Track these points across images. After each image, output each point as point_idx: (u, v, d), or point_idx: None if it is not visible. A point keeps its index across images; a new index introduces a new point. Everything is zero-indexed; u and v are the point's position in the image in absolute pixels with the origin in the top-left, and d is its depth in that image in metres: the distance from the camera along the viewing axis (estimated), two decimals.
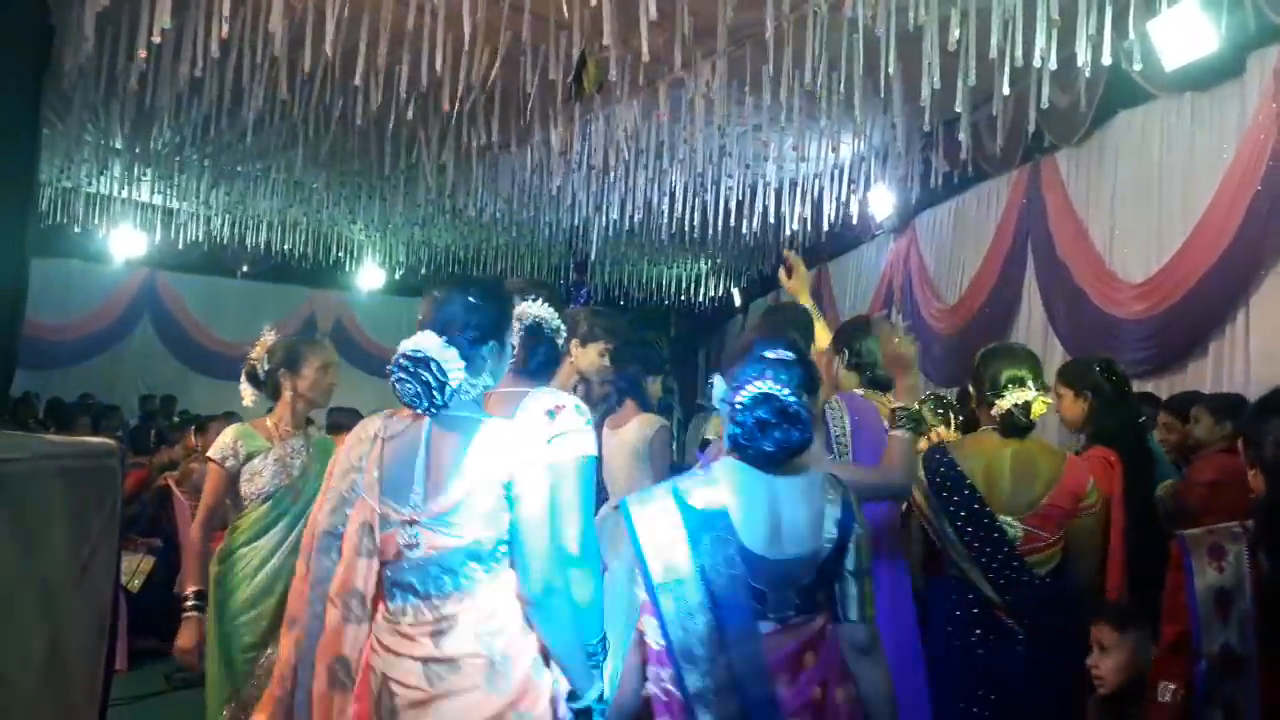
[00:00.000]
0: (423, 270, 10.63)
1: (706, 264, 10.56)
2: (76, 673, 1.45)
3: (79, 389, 9.55)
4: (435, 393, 2.01)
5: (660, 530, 1.93)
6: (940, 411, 3.85)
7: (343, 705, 1.98)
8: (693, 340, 12.16)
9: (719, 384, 2.09)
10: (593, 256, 9.57)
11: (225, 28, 3.88)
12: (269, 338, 3.41)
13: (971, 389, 2.92)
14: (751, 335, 2.23)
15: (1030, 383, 2.70)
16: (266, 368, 3.35)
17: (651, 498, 2.01)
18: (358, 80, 4.40)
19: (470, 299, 2.14)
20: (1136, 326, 4.71)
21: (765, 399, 1.91)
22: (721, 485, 1.98)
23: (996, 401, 2.69)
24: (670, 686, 1.91)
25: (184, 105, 5.71)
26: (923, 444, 2.96)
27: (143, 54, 4.37)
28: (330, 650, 2.02)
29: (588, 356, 3.20)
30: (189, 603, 3.12)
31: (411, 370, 2.01)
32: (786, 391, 1.92)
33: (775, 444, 1.92)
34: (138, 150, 7.11)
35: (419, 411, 2.07)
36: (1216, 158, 4.26)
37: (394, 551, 2.02)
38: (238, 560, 3.16)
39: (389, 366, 2.06)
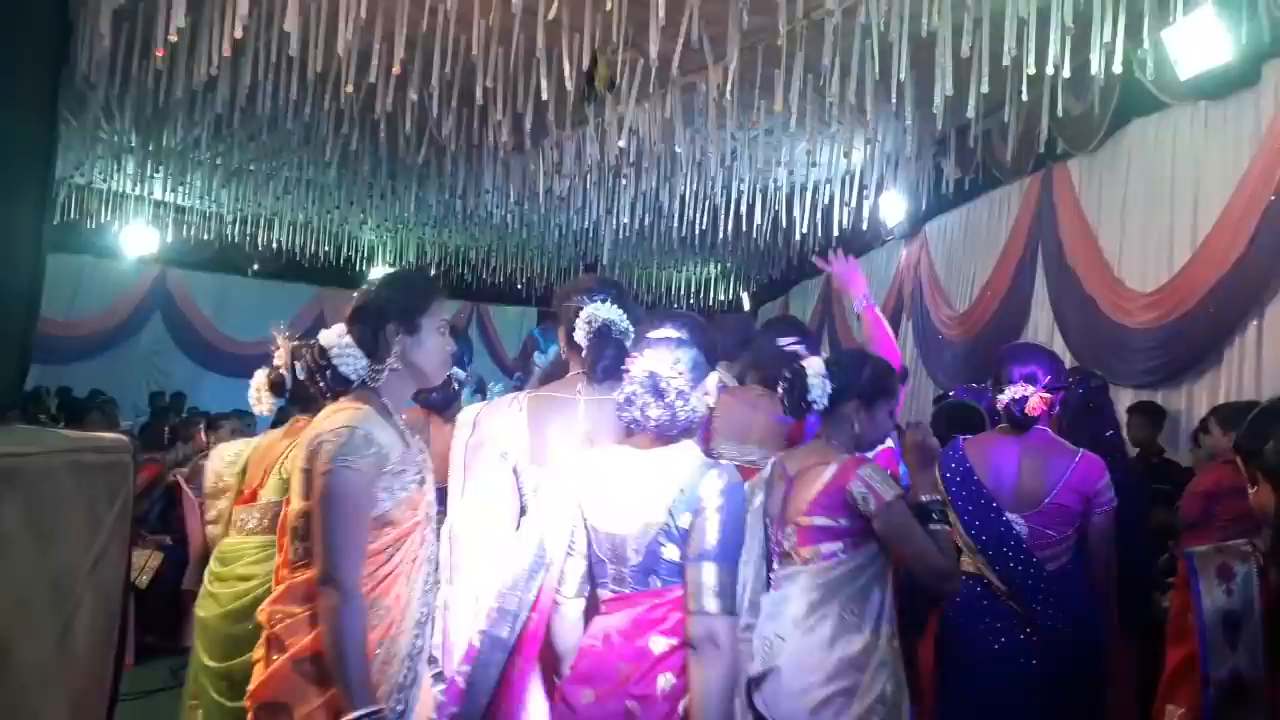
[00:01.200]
0: (433, 270, 10.65)
1: (716, 268, 10.57)
2: (87, 664, 1.46)
3: (90, 385, 9.58)
4: (320, 377, 1.98)
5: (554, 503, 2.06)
6: None
7: None
8: None
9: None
10: (603, 259, 9.59)
11: (239, 28, 3.90)
12: (283, 341, 3.19)
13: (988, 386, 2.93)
14: (650, 321, 2.24)
15: (1040, 380, 2.70)
16: (300, 375, 3.20)
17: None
18: (371, 78, 4.43)
19: (375, 285, 2.11)
20: (1146, 336, 4.69)
21: (647, 377, 1.96)
22: (589, 463, 2.07)
23: (998, 396, 2.70)
24: None
25: (197, 104, 5.75)
26: None
27: (160, 53, 4.41)
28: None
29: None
30: None
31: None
32: (672, 367, 1.96)
33: (654, 420, 1.96)
34: (151, 148, 7.15)
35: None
36: (1230, 167, 4.24)
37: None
38: None
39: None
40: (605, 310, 2.26)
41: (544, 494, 2.07)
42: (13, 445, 1.36)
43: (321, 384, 1.92)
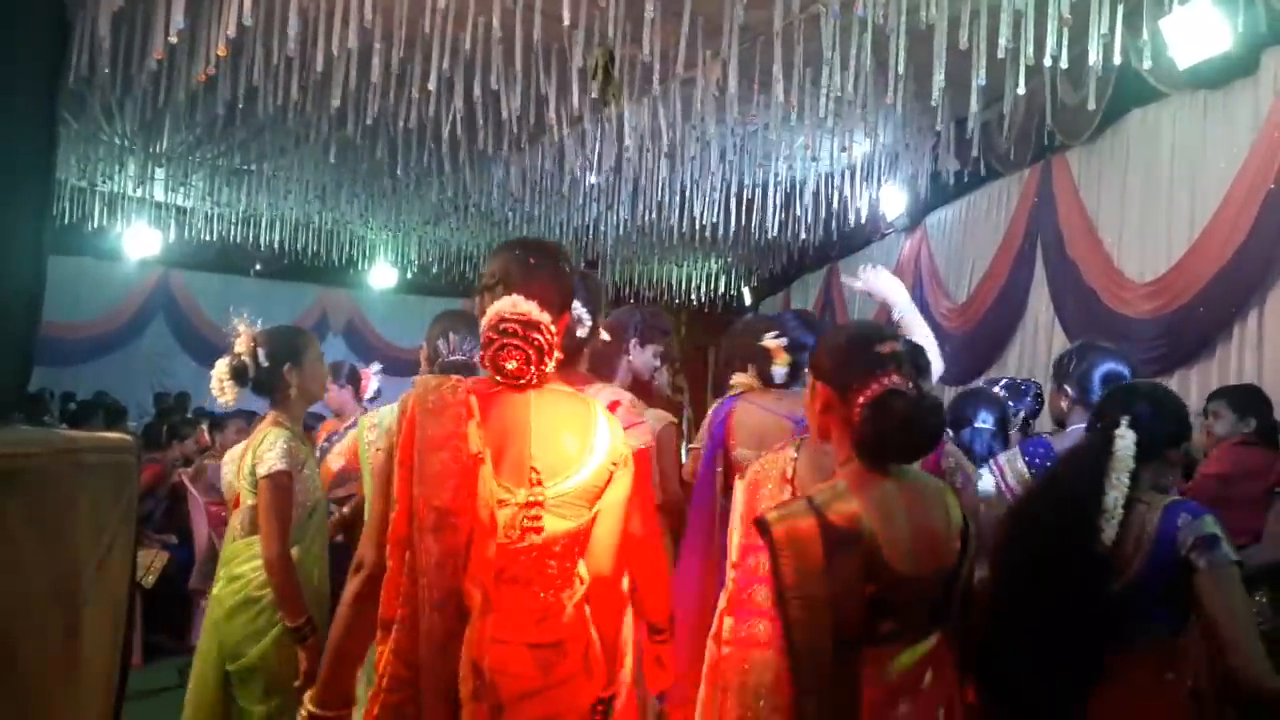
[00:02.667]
0: (434, 269, 10.66)
1: (717, 263, 10.57)
2: (93, 664, 1.47)
3: (94, 387, 9.62)
4: (545, 360, 1.85)
5: (801, 544, 1.82)
6: None
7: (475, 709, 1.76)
8: (703, 339, 12.18)
9: (820, 391, 1.97)
10: (604, 254, 9.60)
11: (233, 29, 3.91)
12: (244, 329, 3.09)
13: (1069, 388, 2.90)
14: (852, 331, 2.08)
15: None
16: (263, 363, 3.05)
17: (790, 511, 1.89)
18: (374, 78, 4.44)
19: (558, 262, 1.96)
20: (1146, 326, 4.69)
21: (898, 394, 1.84)
22: (855, 499, 1.85)
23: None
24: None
25: (197, 104, 5.76)
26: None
27: (159, 55, 4.42)
28: (455, 648, 1.79)
29: (643, 356, 3.22)
30: (303, 632, 2.84)
31: (524, 336, 1.82)
32: (911, 385, 1.87)
33: (927, 436, 1.89)
34: (151, 149, 7.17)
35: (520, 382, 1.87)
36: (1229, 156, 4.24)
37: (508, 535, 1.82)
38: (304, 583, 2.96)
39: (486, 331, 1.85)
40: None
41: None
42: (15, 445, 1.37)
43: None
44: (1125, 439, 2.07)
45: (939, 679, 1.88)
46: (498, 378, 1.88)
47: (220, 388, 3.05)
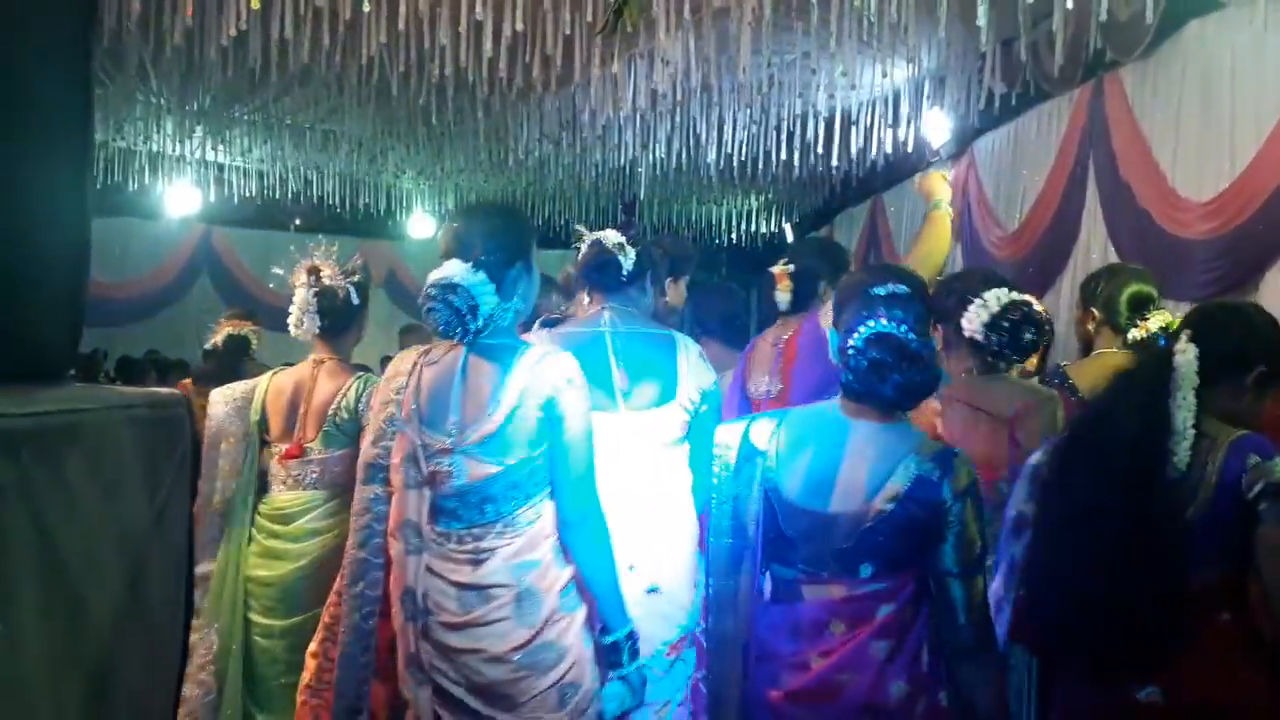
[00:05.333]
0: None
1: (757, 200, 10.41)
2: (158, 617, 1.50)
3: (143, 346, 9.78)
4: (468, 318, 2.00)
5: (724, 450, 2.00)
6: None
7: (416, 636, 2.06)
8: (745, 280, 12.05)
9: (830, 338, 2.05)
10: (640, 196, 9.50)
11: None
12: (329, 264, 3.01)
13: (1095, 310, 2.81)
14: (859, 275, 2.19)
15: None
16: (354, 301, 2.97)
17: (735, 422, 2.12)
18: (401, 26, 4.38)
19: (491, 222, 2.13)
20: (1203, 248, 4.54)
21: (879, 339, 1.82)
22: (780, 426, 1.98)
23: (1140, 324, 2.59)
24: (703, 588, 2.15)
25: (230, 59, 5.73)
26: None
27: (189, 11, 4.40)
28: (399, 583, 2.08)
29: (679, 291, 3.25)
30: None
31: (440, 298, 2.01)
32: (904, 328, 1.82)
33: (895, 388, 1.83)
34: (188, 107, 7.18)
35: (455, 341, 2.08)
36: None
37: (437, 480, 2.05)
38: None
39: (420, 299, 2.08)
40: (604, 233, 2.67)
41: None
42: (71, 402, 1.38)
43: (467, 325, 2.09)
44: (1186, 354, 1.93)
45: (851, 637, 1.85)
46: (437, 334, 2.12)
47: (300, 320, 2.95)
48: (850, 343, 1.86)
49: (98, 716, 1.33)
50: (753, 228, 10.82)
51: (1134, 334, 2.62)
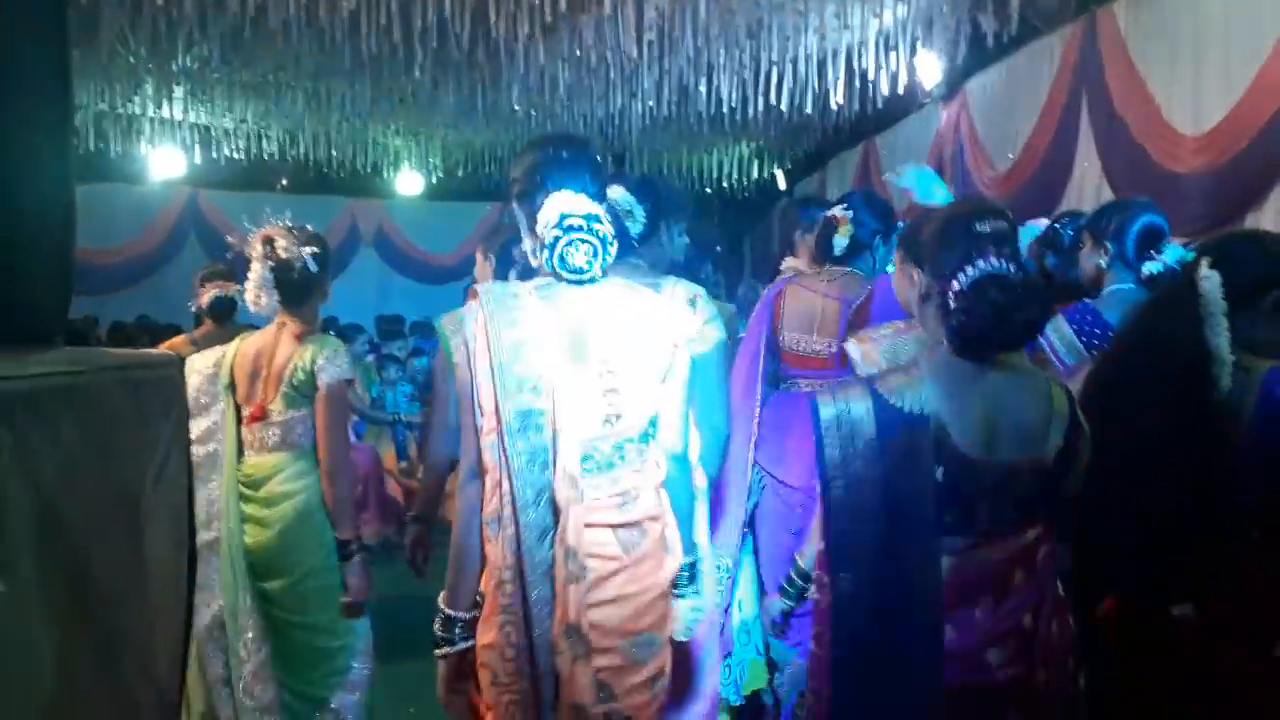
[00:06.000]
0: (460, 172, 10.54)
1: (749, 147, 10.32)
2: (160, 578, 1.50)
3: (134, 311, 9.74)
4: (609, 249, 1.92)
5: (849, 424, 1.78)
6: None
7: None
8: (738, 229, 11.99)
9: (917, 278, 1.87)
10: (630, 147, 9.41)
11: None
12: (283, 233, 2.94)
13: (1107, 243, 2.79)
14: (955, 211, 1.97)
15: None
16: (311, 269, 2.92)
17: (844, 390, 1.84)
18: None
19: (594, 157, 2.04)
20: (1197, 182, 4.52)
21: (994, 280, 1.71)
22: (927, 385, 1.78)
23: (1155, 256, 2.54)
24: (826, 591, 1.81)
25: (208, 18, 5.63)
26: None
27: None
28: (550, 538, 1.91)
29: (676, 239, 3.10)
30: (351, 549, 2.87)
31: (585, 229, 1.89)
32: (1012, 266, 1.73)
33: (1022, 327, 1.75)
34: (167, 67, 7.06)
35: (583, 278, 1.94)
36: None
37: (588, 427, 1.93)
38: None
39: (548, 234, 1.91)
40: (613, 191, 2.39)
41: None
42: (65, 365, 1.37)
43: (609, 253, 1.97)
44: (1210, 279, 1.91)
45: (1030, 581, 1.80)
46: (564, 276, 1.94)
47: (257, 296, 2.91)
48: (958, 286, 1.73)
49: (104, 676, 1.34)
50: (744, 175, 10.74)
51: (1148, 266, 2.60)
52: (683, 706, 2.31)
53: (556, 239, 1.90)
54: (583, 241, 1.89)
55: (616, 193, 2.43)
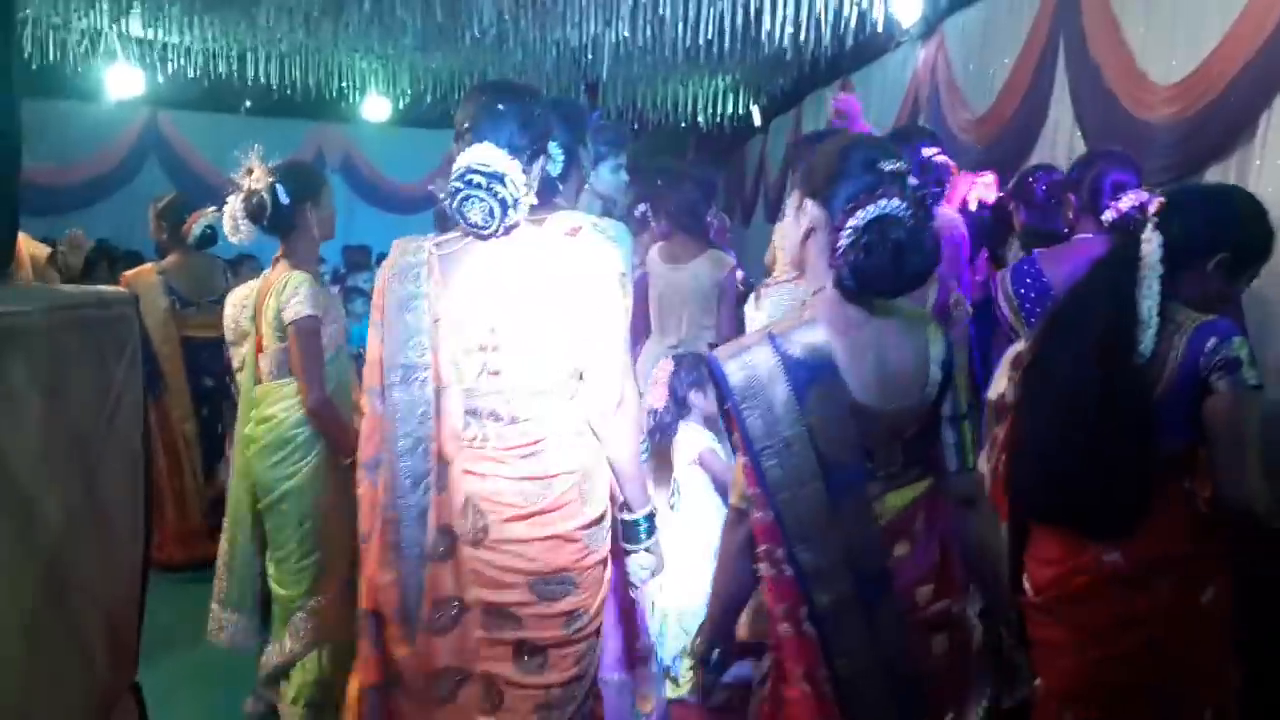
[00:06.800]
0: (428, 98, 10.29)
1: (725, 80, 10.15)
2: (116, 519, 1.49)
3: (91, 233, 9.50)
4: (509, 210, 1.93)
5: (761, 386, 1.70)
6: None
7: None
8: (713, 164, 11.86)
9: (811, 209, 1.76)
10: (603, 77, 9.22)
11: None
12: (258, 165, 3.04)
13: (1073, 195, 2.81)
14: (848, 140, 1.91)
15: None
16: (283, 201, 3.00)
17: (746, 349, 1.76)
18: None
19: (532, 109, 2.02)
20: (1165, 131, 4.51)
21: (898, 221, 1.66)
22: (822, 329, 1.73)
23: (1112, 205, 2.53)
24: (784, 565, 1.71)
25: None
26: None
27: None
28: (458, 492, 2.01)
29: (601, 177, 3.01)
30: None
31: (485, 186, 1.89)
32: (909, 209, 1.68)
33: (913, 270, 1.69)
34: None
35: (484, 234, 1.97)
36: None
37: (477, 383, 2.01)
38: (317, 436, 3.02)
39: (450, 184, 1.93)
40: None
41: None
42: (12, 304, 1.33)
43: (505, 215, 1.97)
44: (1151, 243, 2.00)
45: (931, 523, 1.82)
46: (466, 230, 1.99)
47: (234, 226, 3.02)
48: (857, 223, 1.66)
49: (56, 613, 1.34)
50: (720, 110, 10.58)
51: (1107, 215, 2.62)
52: (606, 652, 2.35)
53: (457, 190, 1.92)
54: (479, 200, 1.90)
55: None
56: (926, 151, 2.99)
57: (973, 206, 3.70)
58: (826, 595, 1.68)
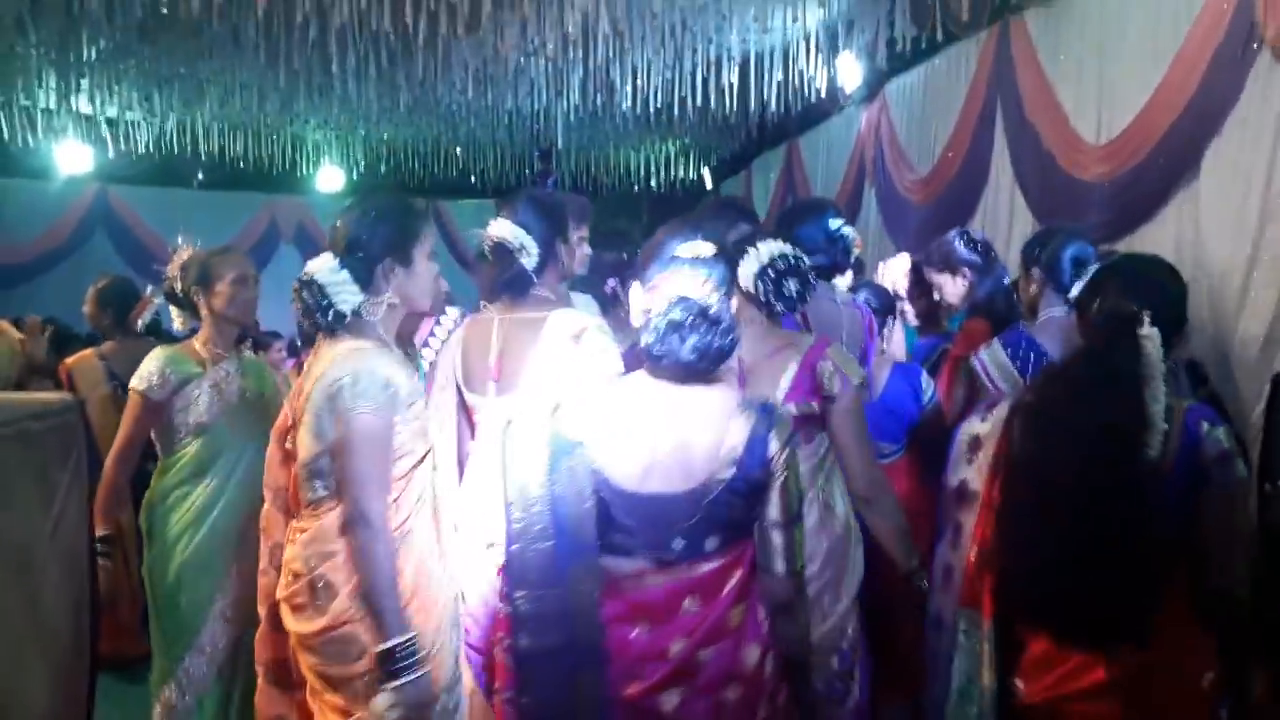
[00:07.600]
0: (382, 167, 10.34)
1: (675, 145, 10.34)
2: (62, 631, 1.45)
3: (39, 308, 9.33)
4: (318, 314, 2.03)
5: (526, 449, 1.84)
6: None
7: None
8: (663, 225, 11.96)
9: (635, 293, 1.91)
10: (557, 144, 9.34)
11: None
12: (184, 252, 3.18)
13: (1038, 272, 2.83)
14: (664, 232, 2.10)
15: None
16: (181, 286, 3.15)
17: (532, 416, 1.90)
18: None
19: (367, 215, 2.11)
20: (1099, 190, 4.65)
21: (680, 301, 1.77)
22: (596, 408, 1.85)
23: (1080, 279, 2.52)
24: (503, 604, 1.86)
25: (115, 9, 5.42)
26: None
27: None
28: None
29: (580, 248, 2.91)
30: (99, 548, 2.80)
31: (300, 290, 2.04)
32: (708, 289, 1.78)
33: (695, 350, 1.77)
34: (71, 58, 6.77)
35: (321, 331, 2.08)
36: (1185, 12, 4.12)
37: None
38: (173, 508, 2.90)
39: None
40: (495, 228, 2.41)
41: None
42: None
43: (320, 321, 2.01)
44: (1154, 340, 1.92)
45: (704, 608, 1.81)
46: None
47: (172, 312, 3.28)
48: (647, 306, 1.83)
49: None
50: (672, 174, 10.75)
51: (1075, 289, 2.61)
52: None
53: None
54: (297, 300, 2.08)
55: (504, 229, 2.40)
56: (833, 224, 3.02)
57: (893, 289, 3.83)
58: (528, 640, 1.81)
